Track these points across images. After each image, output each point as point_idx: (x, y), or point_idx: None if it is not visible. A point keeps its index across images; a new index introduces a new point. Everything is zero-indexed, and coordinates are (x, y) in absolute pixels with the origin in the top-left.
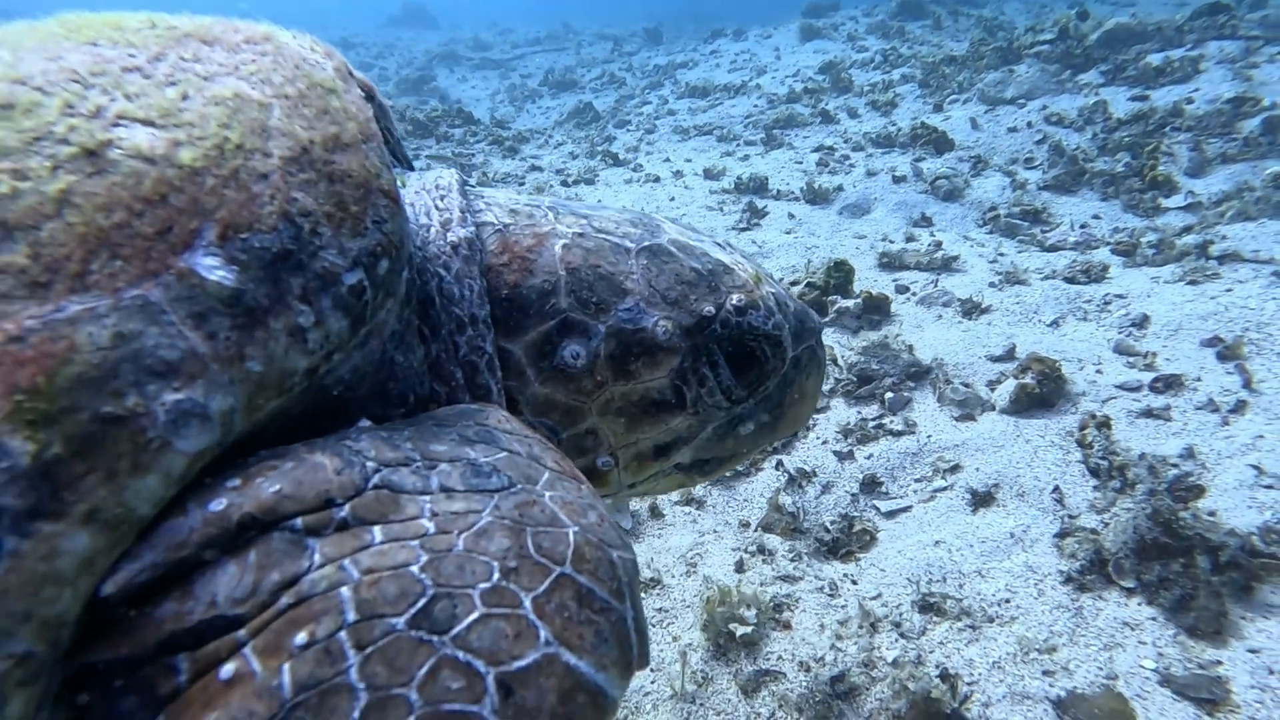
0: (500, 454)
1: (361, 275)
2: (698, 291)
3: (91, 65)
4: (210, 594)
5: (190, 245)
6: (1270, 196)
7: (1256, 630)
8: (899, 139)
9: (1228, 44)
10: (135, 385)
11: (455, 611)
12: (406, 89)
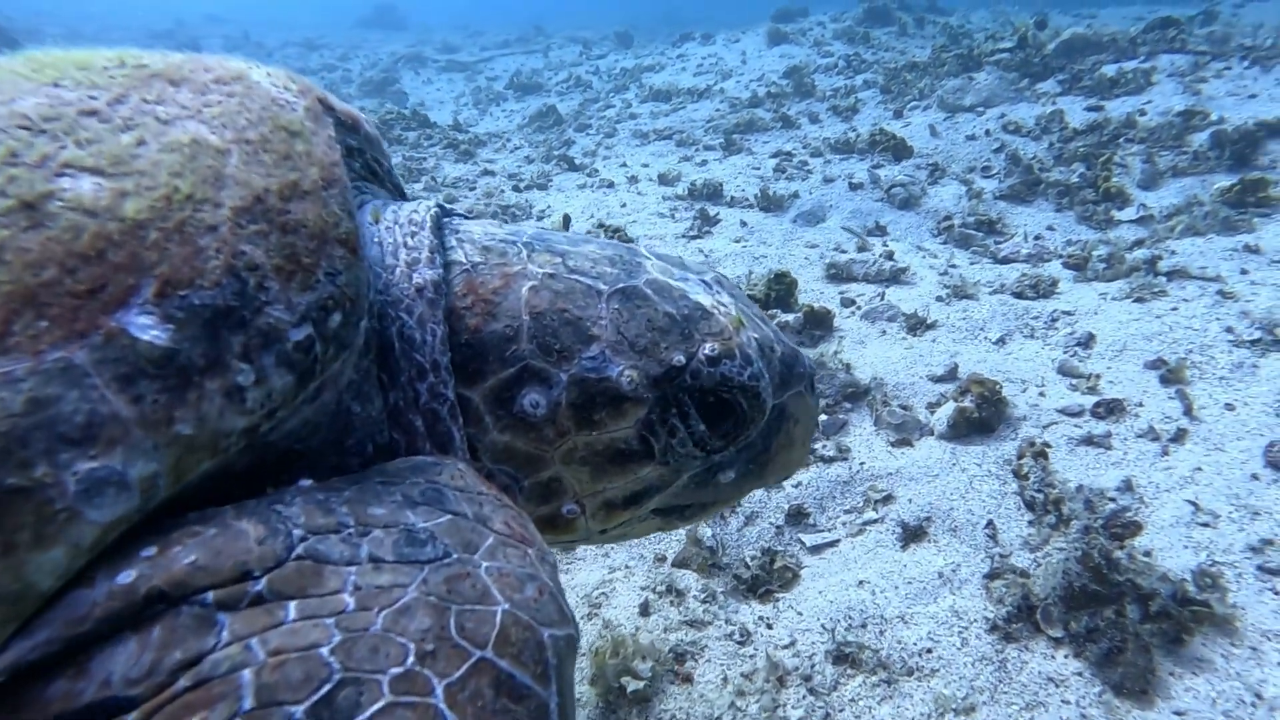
0: (443, 518)
1: (310, 330)
2: (669, 339)
3: (46, 110)
4: (106, 673)
5: (124, 303)
6: (1218, 212)
7: (1184, 689)
8: (858, 145)
9: (1178, 58)
10: (46, 454)
11: (360, 700)
12: (369, 91)
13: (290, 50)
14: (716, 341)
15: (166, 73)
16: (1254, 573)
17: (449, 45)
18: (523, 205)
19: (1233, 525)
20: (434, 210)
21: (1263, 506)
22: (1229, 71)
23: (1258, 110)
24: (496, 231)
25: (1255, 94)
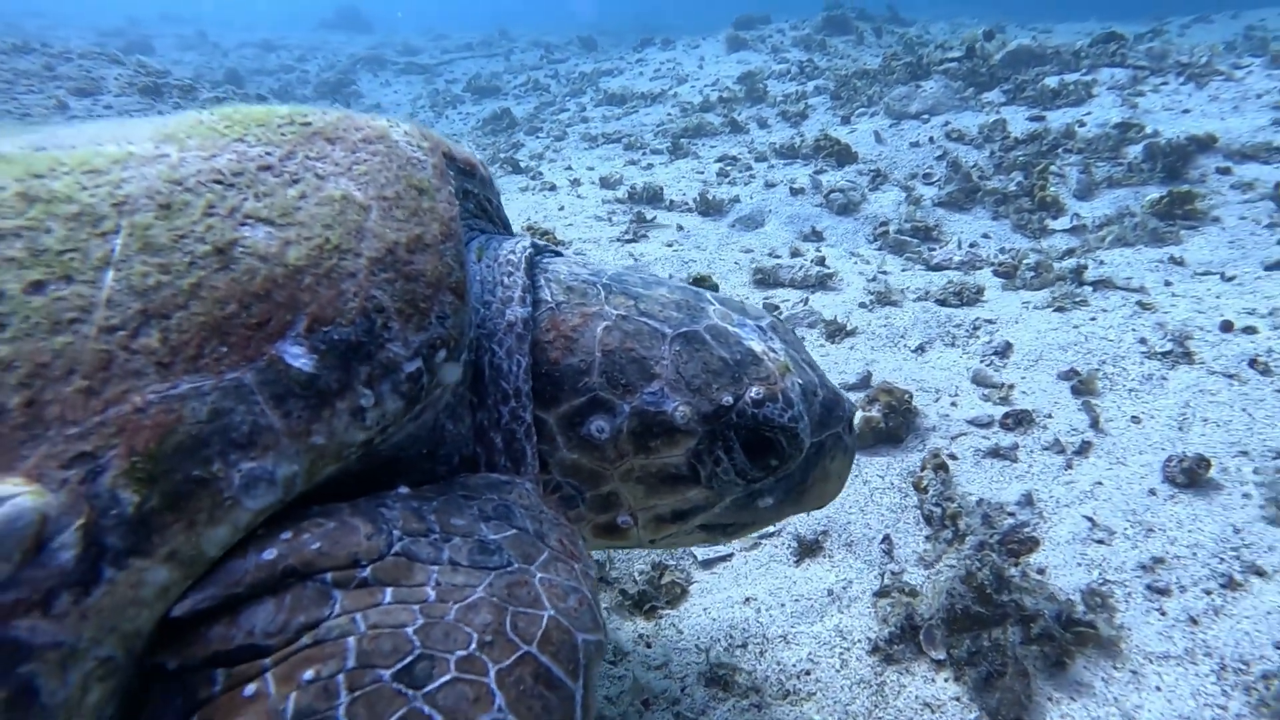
0: (509, 532)
1: (420, 364)
2: (720, 381)
3: (235, 165)
4: (250, 625)
5: (282, 335)
6: (1147, 223)
7: (1060, 715)
8: (802, 150)
9: (1118, 72)
10: (220, 454)
11: (432, 672)
12: (324, 93)
13: (247, 51)
14: (762, 386)
15: (325, 131)
16: (1143, 592)
17: (410, 48)
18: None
19: (1126, 543)
20: (529, 251)
21: (1157, 523)
22: (1165, 87)
23: (1190, 125)
24: (580, 271)
25: (1189, 109)
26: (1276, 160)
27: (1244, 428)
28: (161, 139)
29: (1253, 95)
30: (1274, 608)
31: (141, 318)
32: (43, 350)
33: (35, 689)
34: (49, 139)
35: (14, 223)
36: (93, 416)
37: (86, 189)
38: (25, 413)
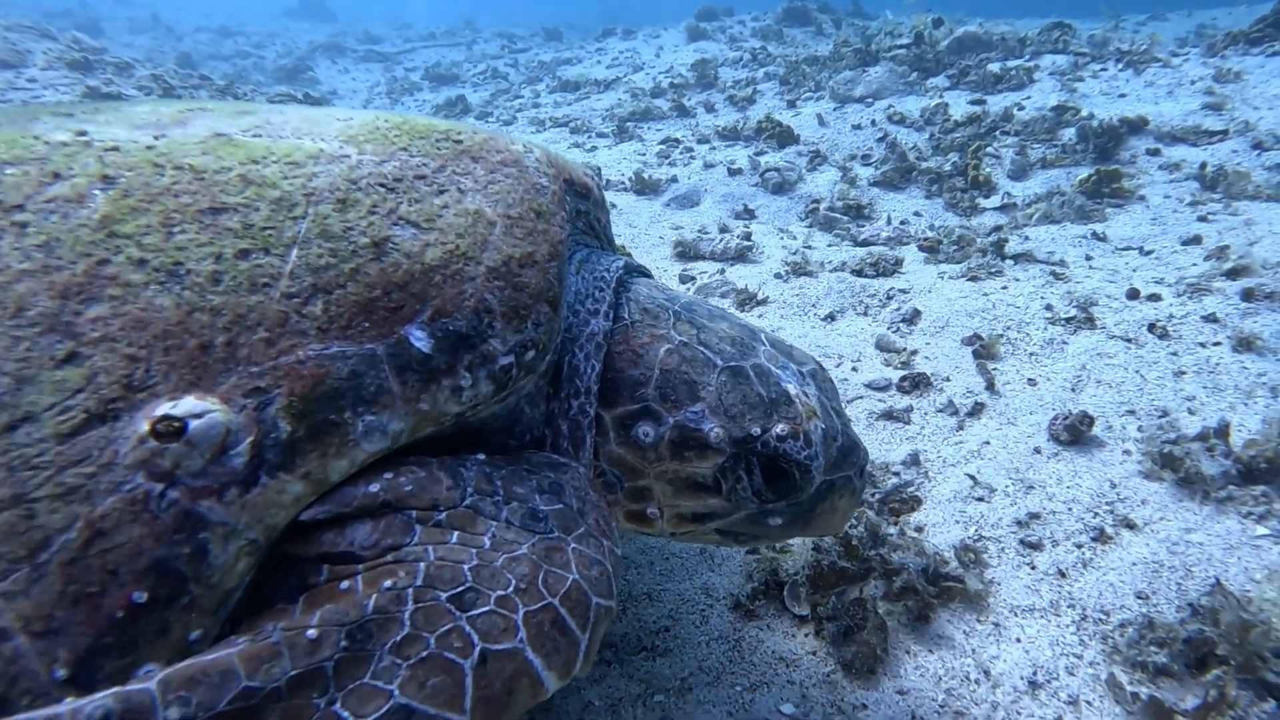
0: (557, 505)
1: (512, 360)
2: (754, 413)
3: (398, 172)
4: (352, 538)
5: (411, 320)
6: (1074, 201)
7: (914, 668)
8: (744, 132)
9: (1060, 58)
10: (351, 405)
11: (476, 601)
12: (280, 78)
13: (203, 36)
14: (788, 424)
15: (471, 150)
16: (1016, 547)
17: (372, 36)
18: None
19: (1005, 499)
20: (619, 273)
21: (1038, 480)
22: (1104, 72)
23: (1125, 108)
24: (658, 296)
25: (1125, 93)
26: (1204, 142)
27: (1135, 388)
28: (345, 139)
29: (1187, 81)
30: (1140, 559)
31: (312, 290)
32: (242, 304)
33: (207, 550)
34: (263, 124)
35: (235, 199)
36: (269, 361)
37: (287, 178)
38: (225, 350)
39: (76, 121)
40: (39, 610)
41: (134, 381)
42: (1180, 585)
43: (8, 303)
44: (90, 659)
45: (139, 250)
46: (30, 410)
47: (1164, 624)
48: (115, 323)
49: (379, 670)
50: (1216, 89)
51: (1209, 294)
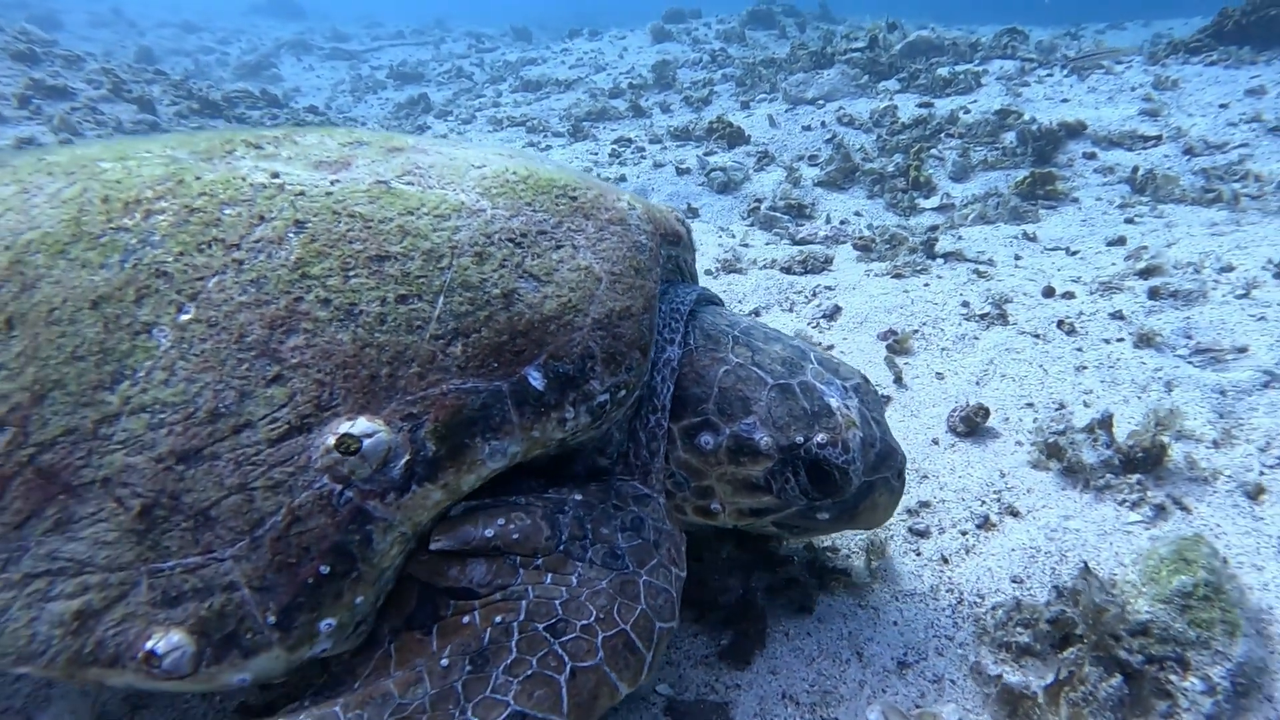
0: (636, 541)
1: (607, 397)
2: (798, 424)
3: (524, 226)
4: (471, 576)
5: (530, 362)
6: (1009, 201)
7: (789, 650)
8: (695, 132)
9: (1008, 63)
10: (480, 432)
11: (565, 630)
12: (243, 74)
13: (166, 31)
14: (827, 434)
15: (584, 207)
16: (904, 534)
17: (339, 34)
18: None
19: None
20: (690, 305)
21: (932, 470)
22: (1050, 78)
23: (1066, 113)
24: (720, 322)
25: (1068, 99)
26: (1139, 147)
27: (1037, 382)
28: (481, 192)
29: (1128, 88)
30: (1019, 545)
31: (454, 333)
32: (401, 342)
33: (371, 538)
34: (413, 168)
35: (396, 248)
36: (420, 391)
37: (436, 230)
38: (388, 380)
39: (266, 159)
40: (257, 571)
41: (322, 401)
42: (1054, 570)
43: (233, 329)
44: (290, 611)
45: (324, 290)
46: (250, 419)
47: (1030, 606)
48: (308, 352)
49: (496, 686)
50: (1155, 96)
51: (1120, 292)
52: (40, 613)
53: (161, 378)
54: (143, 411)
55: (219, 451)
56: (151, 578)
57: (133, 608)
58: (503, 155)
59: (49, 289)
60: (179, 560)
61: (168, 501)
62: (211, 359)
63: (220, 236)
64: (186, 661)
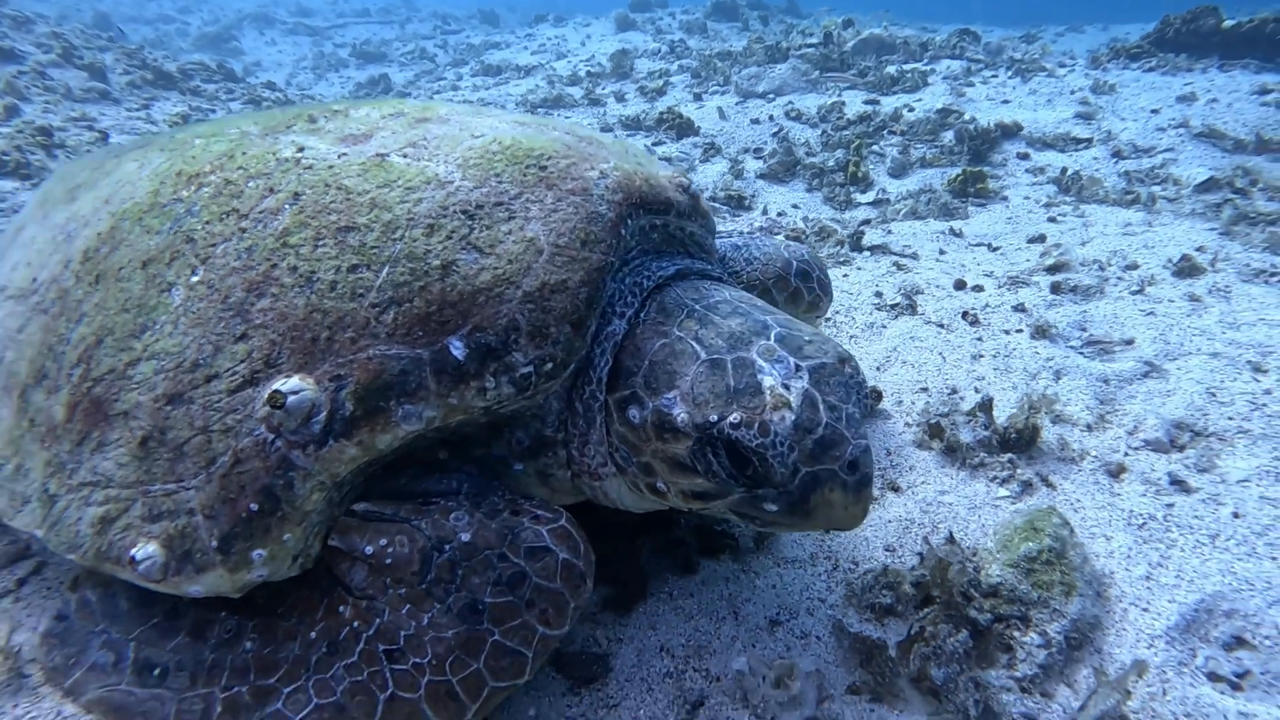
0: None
1: (531, 369)
2: (717, 402)
3: (481, 198)
4: (353, 578)
5: (454, 332)
6: (940, 198)
7: (671, 608)
8: (645, 122)
9: (955, 63)
10: (396, 396)
11: (399, 659)
12: (203, 46)
13: None
14: (743, 413)
15: (549, 178)
16: None
17: (303, 9)
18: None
19: None
20: (659, 279)
21: None
22: (994, 79)
23: (1005, 114)
24: (685, 297)
25: (1009, 100)
26: (1071, 149)
27: (934, 369)
28: (459, 163)
29: (1067, 91)
30: (895, 517)
31: (390, 301)
32: (344, 309)
33: (293, 483)
34: (421, 140)
35: (363, 219)
36: (349, 355)
37: (402, 203)
38: (326, 343)
39: (309, 134)
40: (208, 501)
41: (271, 359)
42: (925, 540)
43: (222, 291)
44: (228, 539)
45: (295, 259)
46: (218, 370)
47: (895, 571)
48: (270, 315)
49: (335, 675)
50: (1091, 99)
51: (1026, 286)
52: (82, 514)
53: (168, 330)
54: (153, 358)
55: (194, 397)
56: (144, 497)
57: (131, 519)
58: (512, 123)
59: (124, 250)
60: (161, 485)
61: (158, 435)
62: (202, 316)
63: (237, 207)
64: (156, 570)
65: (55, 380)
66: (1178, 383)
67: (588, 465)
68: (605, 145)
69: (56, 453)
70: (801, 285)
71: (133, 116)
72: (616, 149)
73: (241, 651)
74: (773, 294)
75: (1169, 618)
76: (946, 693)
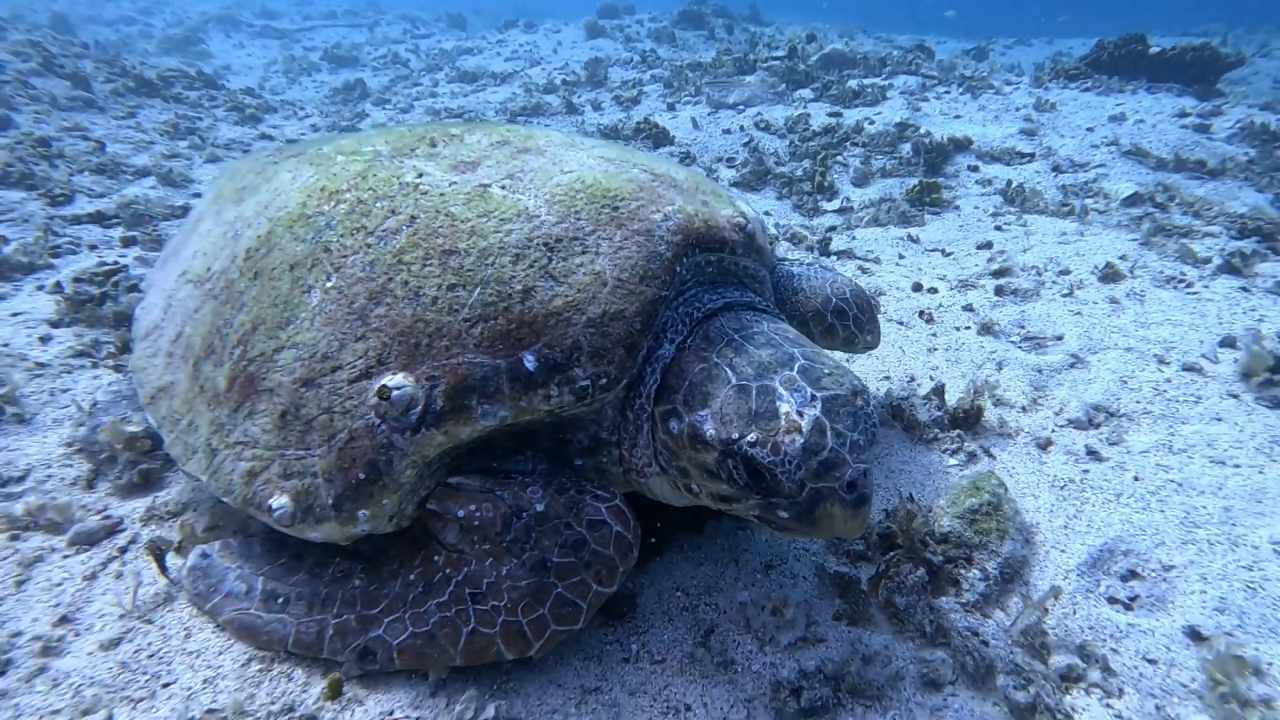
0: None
1: (589, 383)
2: (739, 422)
3: (562, 233)
4: (446, 535)
5: (528, 348)
6: (899, 206)
7: (683, 558)
8: (624, 132)
9: (911, 79)
10: (477, 396)
11: (481, 602)
12: (169, 49)
13: None
14: (759, 434)
15: (620, 217)
16: None
17: (268, 11)
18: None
19: None
20: (707, 310)
21: None
22: (947, 95)
23: (957, 128)
24: (727, 326)
25: (960, 115)
26: (1016, 162)
27: (896, 360)
28: (544, 201)
29: (1013, 108)
30: None
31: (479, 318)
32: (442, 321)
33: (392, 460)
34: (519, 172)
35: (463, 244)
36: (443, 360)
37: (496, 232)
38: (425, 349)
39: (428, 159)
40: (327, 468)
41: (382, 358)
42: (891, 500)
43: (349, 297)
44: (340, 500)
45: (407, 275)
46: (341, 363)
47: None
48: (384, 320)
49: (428, 609)
50: (1034, 116)
51: (974, 289)
52: (235, 467)
53: (306, 326)
54: (293, 348)
55: (322, 383)
56: (281, 459)
57: (270, 475)
58: (598, 159)
59: (276, 253)
60: (294, 450)
61: (294, 411)
62: (333, 317)
63: (365, 225)
64: (286, 517)
65: (220, 356)
66: (1097, 372)
67: (635, 464)
68: (678, 184)
69: (218, 415)
70: (836, 322)
71: (123, 125)
72: (688, 185)
73: (351, 587)
74: (809, 326)
75: (1080, 556)
76: (907, 616)
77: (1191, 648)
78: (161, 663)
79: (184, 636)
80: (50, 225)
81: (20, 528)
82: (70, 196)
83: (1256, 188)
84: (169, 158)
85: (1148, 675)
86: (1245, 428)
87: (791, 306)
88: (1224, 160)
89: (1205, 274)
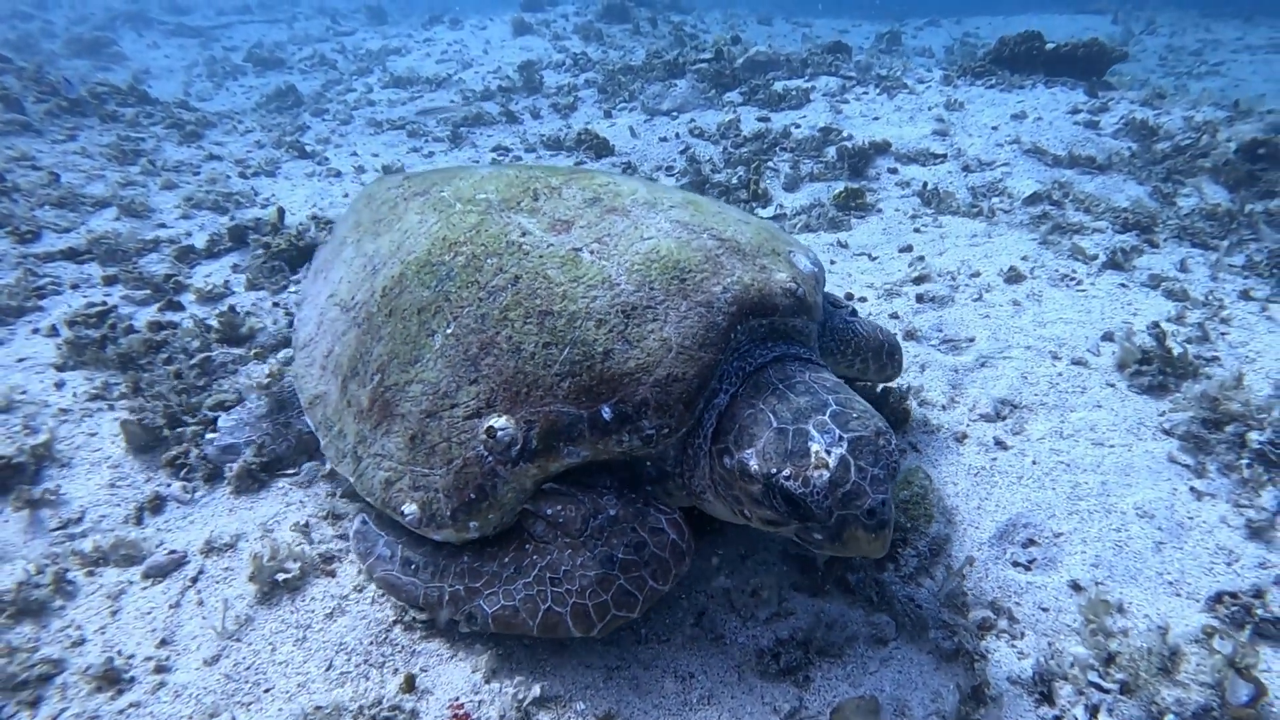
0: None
1: (653, 432)
2: (777, 459)
3: (636, 300)
4: (534, 529)
5: (606, 401)
6: (828, 212)
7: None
8: (566, 142)
9: (831, 80)
10: (564, 439)
11: (558, 585)
12: (79, 51)
13: None
14: (792, 469)
15: (684, 289)
16: None
17: (178, 7)
18: (247, 193)
19: None
20: (755, 366)
21: None
22: (865, 96)
23: (877, 130)
24: (775, 377)
25: (879, 116)
26: (930, 163)
27: None
28: (627, 269)
29: (925, 108)
30: None
31: (566, 374)
32: (537, 374)
33: (497, 486)
34: (605, 237)
35: (556, 307)
36: (537, 407)
37: (583, 297)
38: (524, 396)
39: (530, 214)
40: (447, 486)
41: (490, 401)
42: None
43: (464, 344)
44: (457, 512)
45: (510, 330)
46: (458, 401)
47: None
48: (492, 369)
49: (516, 588)
50: (945, 116)
51: (899, 297)
52: (375, 475)
53: (430, 365)
54: (420, 383)
55: (442, 415)
56: (410, 473)
57: (402, 485)
58: (673, 224)
59: (406, 296)
60: (421, 468)
61: (420, 436)
62: (451, 360)
63: (478, 279)
64: (415, 521)
65: (363, 379)
66: (1003, 370)
67: (695, 490)
68: (741, 249)
69: (361, 428)
70: (889, 360)
71: (68, 152)
72: (752, 247)
73: (461, 562)
74: (869, 363)
75: (990, 531)
76: (858, 589)
77: (1074, 596)
78: (258, 673)
79: (270, 650)
80: (25, 264)
81: (92, 563)
82: (37, 233)
83: (1138, 180)
84: (125, 186)
85: (1042, 620)
86: (1119, 412)
87: (854, 347)
88: (1110, 155)
89: (1093, 271)
